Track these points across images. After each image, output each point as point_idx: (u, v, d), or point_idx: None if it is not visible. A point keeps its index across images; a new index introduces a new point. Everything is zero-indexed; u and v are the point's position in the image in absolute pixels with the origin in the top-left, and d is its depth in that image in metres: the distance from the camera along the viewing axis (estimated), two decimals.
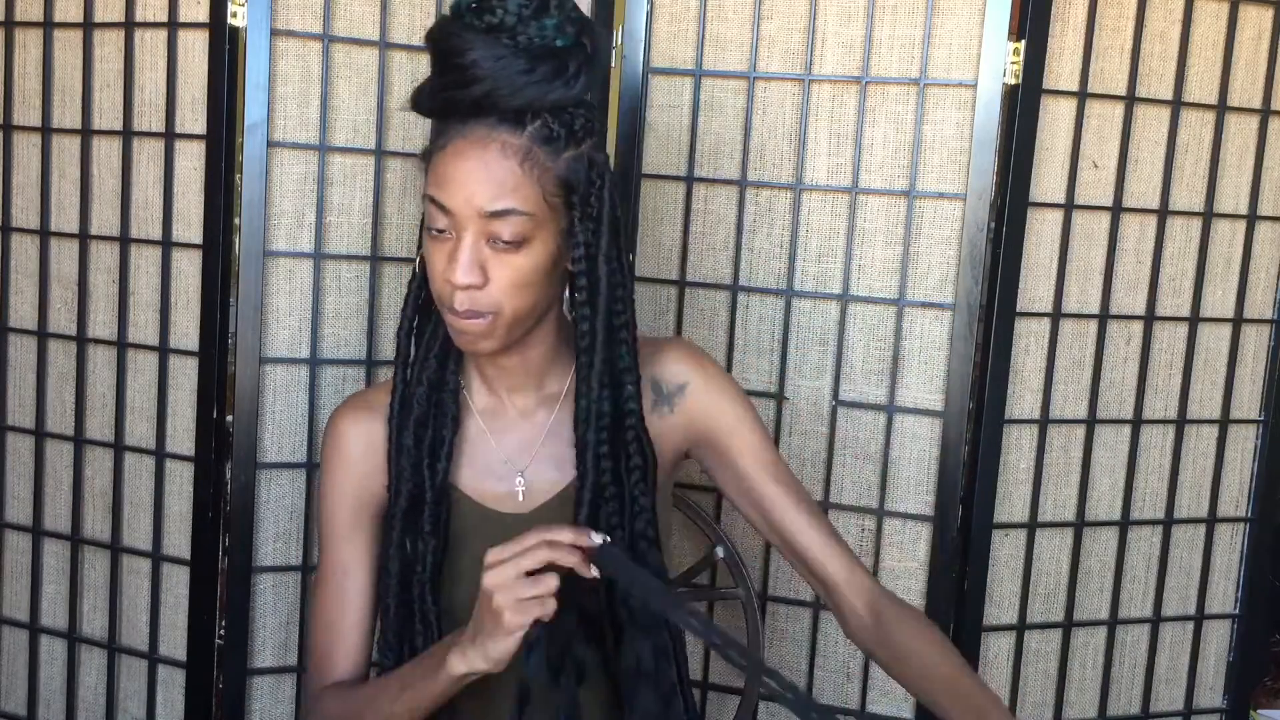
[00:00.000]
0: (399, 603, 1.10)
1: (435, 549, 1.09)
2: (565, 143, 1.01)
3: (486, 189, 0.99)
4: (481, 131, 0.99)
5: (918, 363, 1.56)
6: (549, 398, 1.14)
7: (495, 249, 1.01)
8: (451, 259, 1.01)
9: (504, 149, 0.99)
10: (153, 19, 1.52)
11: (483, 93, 0.97)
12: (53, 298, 1.62)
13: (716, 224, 1.60)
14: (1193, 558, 1.73)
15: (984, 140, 1.50)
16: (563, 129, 1.01)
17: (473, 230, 1.00)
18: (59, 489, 1.65)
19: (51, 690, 1.69)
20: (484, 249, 1.01)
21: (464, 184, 0.99)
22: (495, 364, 1.12)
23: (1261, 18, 1.62)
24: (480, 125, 0.99)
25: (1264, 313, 1.70)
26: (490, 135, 0.99)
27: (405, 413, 1.11)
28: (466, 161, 0.99)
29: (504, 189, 0.99)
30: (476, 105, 0.99)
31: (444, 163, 1.01)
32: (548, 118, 1.00)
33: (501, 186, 0.99)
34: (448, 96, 1.00)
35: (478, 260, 1.01)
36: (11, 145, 1.63)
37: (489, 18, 0.98)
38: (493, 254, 1.01)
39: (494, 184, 0.99)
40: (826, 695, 1.63)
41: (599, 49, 1.03)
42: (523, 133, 0.99)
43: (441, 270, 1.02)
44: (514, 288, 1.02)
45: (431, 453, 1.10)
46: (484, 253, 1.01)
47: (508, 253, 1.01)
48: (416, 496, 1.09)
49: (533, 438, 1.14)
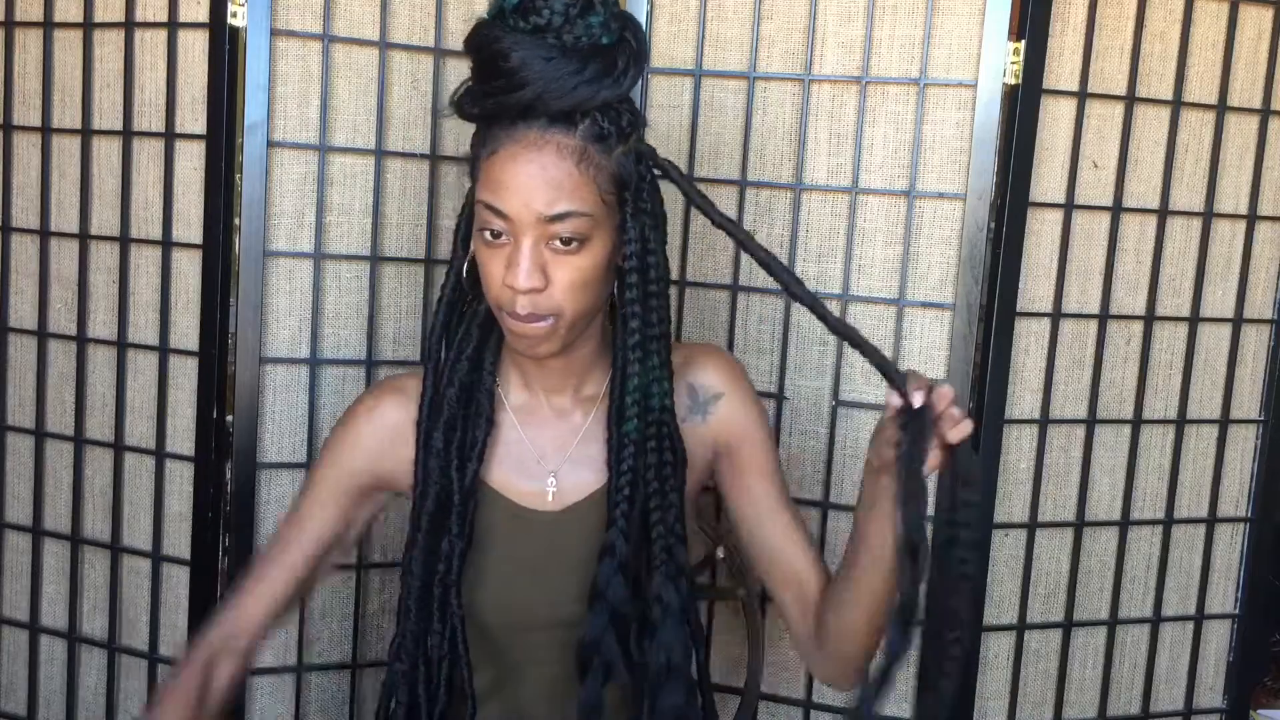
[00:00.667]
0: (419, 604, 1.09)
1: (462, 551, 1.08)
2: (616, 139, 1.01)
3: (544, 193, 0.98)
4: (534, 134, 0.98)
5: (918, 363, 1.56)
6: (586, 400, 1.14)
7: (555, 251, 1.00)
8: (511, 264, 1.00)
9: (560, 151, 0.98)
10: (153, 19, 1.52)
11: (534, 95, 0.96)
12: (53, 298, 1.62)
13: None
14: (1193, 558, 1.73)
15: (984, 140, 1.50)
16: (612, 126, 1.00)
17: (532, 234, 0.99)
18: (59, 489, 1.65)
19: (51, 690, 1.69)
20: (544, 252, 1.00)
21: (521, 188, 0.98)
22: (540, 364, 1.11)
23: (1261, 18, 1.62)
24: (531, 128, 0.98)
25: (1264, 313, 1.70)
26: (544, 138, 0.98)
27: (435, 415, 1.10)
28: (522, 165, 0.98)
29: (562, 191, 0.98)
30: (527, 108, 0.97)
31: (497, 168, 0.99)
32: (597, 116, 0.99)
33: (559, 189, 0.98)
34: (497, 101, 0.98)
35: (538, 264, 1.00)
36: (11, 145, 1.63)
37: (535, 19, 0.96)
38: (552, 256, 1.00)
39: (552, 187, 0.98)
40: (827, 695, 1.63)
41: (643, 43, 1.02)
42: (575, 133, 0.98)
43: (500, 276, 1.01)
44: (575, 289, 1.01)
45: (461, 454, 1.09)
46: (544, 256, 1.00)
47: (568, 254, 1.00)
48: (444, 498, 1.09)
49: (567, 438, 1.13)
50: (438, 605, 1.09)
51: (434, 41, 1.54)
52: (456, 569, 1.08)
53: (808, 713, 1.64)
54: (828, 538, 1.61)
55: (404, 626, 1.10)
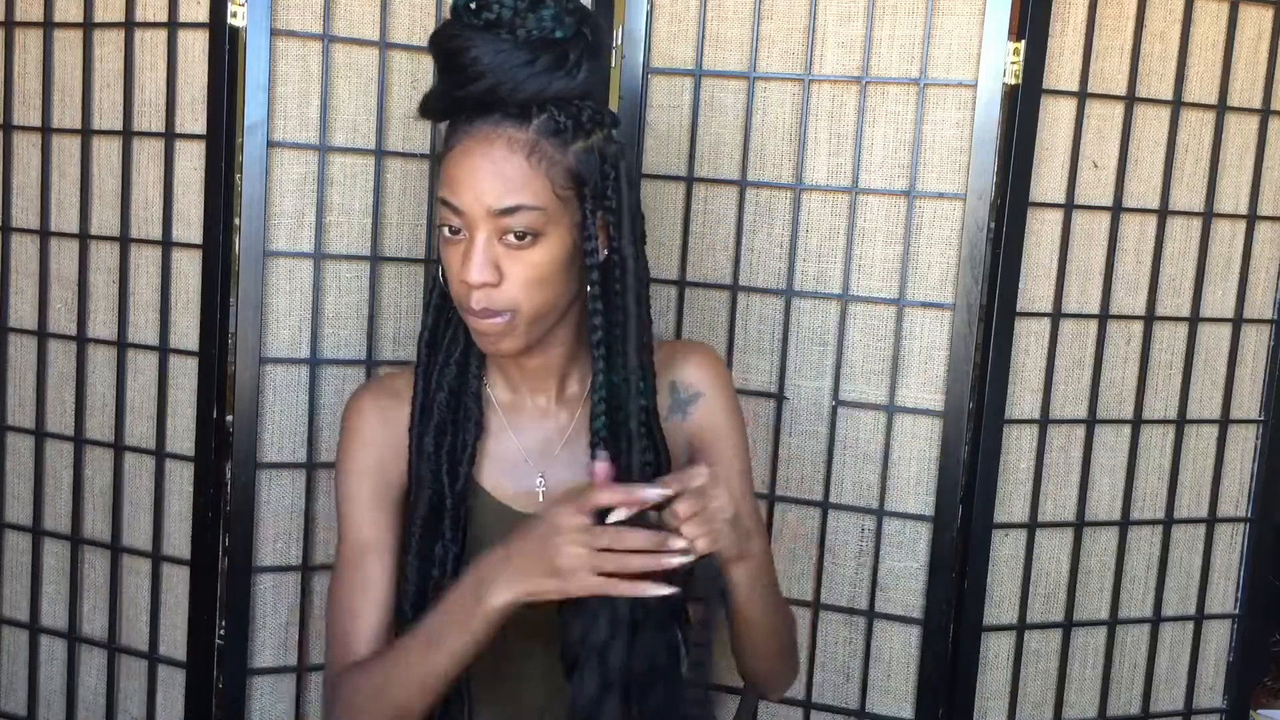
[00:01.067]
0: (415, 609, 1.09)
1: (456, 555, 1.09)
2: (573, 134, 1.01)
3: (494, 186, 0.99)
4: (487, 129, 0.99)
5: (917, 363, 1.56)
6: (570, 399, 1.14)
7: (508, 246, 1.00)
8: (465, 259, 1.01)
9: (510, 144, 0.99)
10: (153, 19, 1.52)
11: (485, 88, 0.98)
12: (53, 298, 1.62)
13: (716, 224, 1.60)
14: (1193, 558, 1.72)
15: (984, 140, 1.50)
16: (569, 120, 1.01)
17: (485, 229, 1.00)
18: (59, 489, 1.65)
19: (51, 690, 1.69)
20: (497, 247, 1.01)
21: (472, 183, 0.99)
22: (517, 364, 1.12)
23: (1261, 18, 1.62)
24: (486, 123, 0.99)
25: (1264, 313, 1.70)
26: (495, 132, 0.99)
27: (426, 419, 1.10)
28: (473, 159, 0.99)
29: (511, 185, 0.99)
30: (481, 102, 0.99)
31: (453, 163, 1.01)
32: (554, 110, 1.00)
33: (509, 183, 0.99)
34: (452, 96, 1.00)
35: (491, 258, 1.00)
36: (11, 145, 1.63)
37: (486, 14, 0.98)
38: (506, 251, 1.01)
39: (501, 180, 0.99)
40: (826, 695, 1.63)
41: (600, 37, 1.03)
42: (528, 127, 0.99)
43: (457, 271, 1.02)
44: (530, 284, 1.01)
45: (452, 458, 1.09)
46: (497, 251, 1.01)
47: (521, 249, 1.00)
48: (437, 502, 1.09)
49: (554, 438, 1.14)
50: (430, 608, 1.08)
51: None
52: (451, 572, 1.08)
53: (808, 713, 1.64)
54: (827, 538, 1.61)
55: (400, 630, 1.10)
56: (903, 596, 1.60)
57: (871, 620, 1.61)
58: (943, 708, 1.59)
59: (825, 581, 1.62)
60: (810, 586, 1.62)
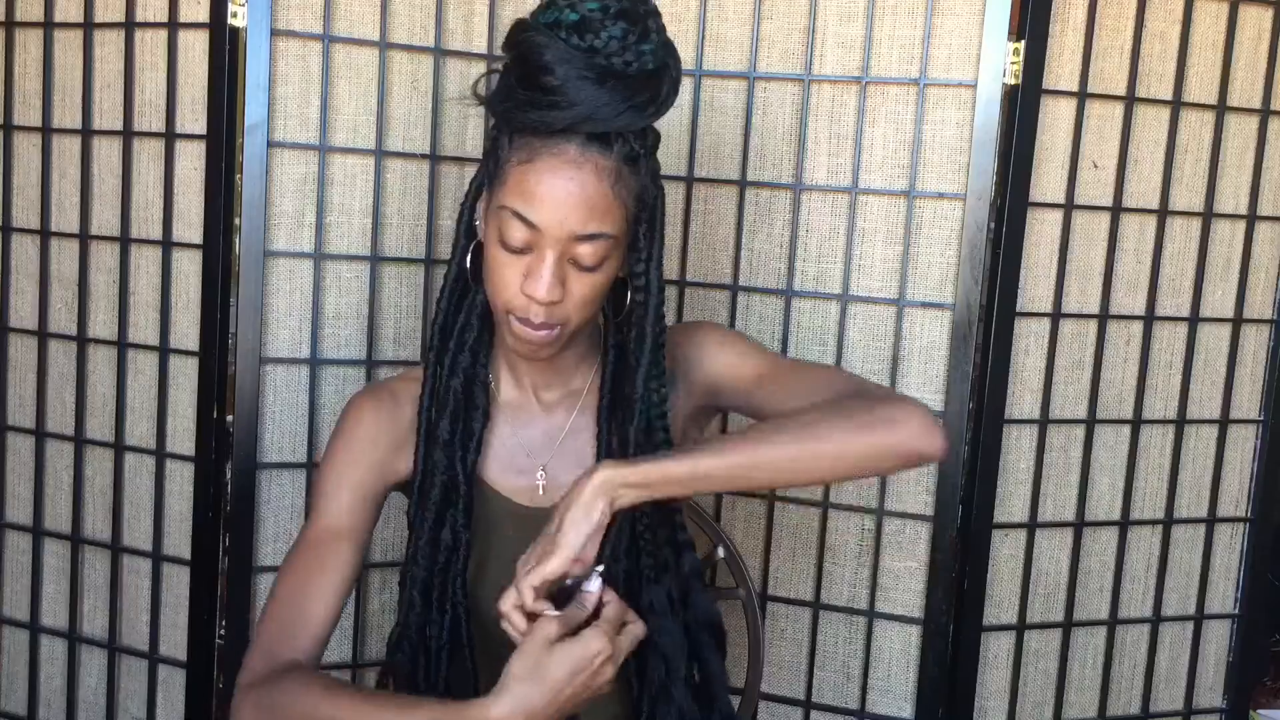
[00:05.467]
0: (424, 595, 1.10)
1: (467, 540, 1.09)
2: (642, 160, 1.01)
3: (581, 212, 0.98)
4: (573, 151, 0.97)
5: (918, 363, 1.56)
6: (573, 394, 1.15)
7: (575, 266, 1.01)
8: (532, 274, 1.00)
9: (598, 171, 0.98)
10: (153, 19, 1.52)
11: (580, 117, 0.96)
12: (53, 298, 1.62)
13: (716, 224, 1.60)
14: (1193, 558, 1.73)
15: (984, 140, 1.50)
16: (641, 148, 1.01)
17: (558, 248, 0.99)
18: (59, 489, 1.65)
19: (51, 690, 1.69)
20: (566, 266, 1.01)
21: (559, 205, 0.98)
22: (532, 362, 1.11)
23: (1261, 18, 1.62)
24: (571, 143, 0.97)
25: (1264, 313, 1.70)
26: (583, 156, 0.98)
27: (439, 405, 1.10)
28: (561, 181, 0.98)
29: (596, 212, 0.98)
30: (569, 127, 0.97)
31: (533, 179, 0.98)
32: (630, 137, 0.99)
33: (594, 210, 0.98)
34: (539, 116, 0.97)
35: (560, 277, 1.00)
36: (11, 145, 1.63)
37: (591, 39, 0.95)
38: (571, 270, 1.01)
39: (588, 208, 0.98)
40: (826, 695, 1.63)
41: (681, 70, 1.02)
42: (612, 154, 0.98)
43: (517, 283, 1.01)
44: (586, 301, 1.03)
45: (463, 445, 1.10)
46: (565, 270, 1.01)
47: (586, 270, 1.01)
48: (449, 488, 1.09)
49: (555, 433, 1.14)
50: (439, 595, 1.09)
51: (434, 41, 1.54)
52: (462, 558, 1.09)
53: (808, 713, 1.64)
54: (828, 538, 1.61)
55: (406, 618, 1.11)
56: (903, 596, 1.60)
57: (871, 620, 1.61)
58: (943, 708, 1.60)
59: (825, 581, 1.62)
60: (810, 586, 1.63)
